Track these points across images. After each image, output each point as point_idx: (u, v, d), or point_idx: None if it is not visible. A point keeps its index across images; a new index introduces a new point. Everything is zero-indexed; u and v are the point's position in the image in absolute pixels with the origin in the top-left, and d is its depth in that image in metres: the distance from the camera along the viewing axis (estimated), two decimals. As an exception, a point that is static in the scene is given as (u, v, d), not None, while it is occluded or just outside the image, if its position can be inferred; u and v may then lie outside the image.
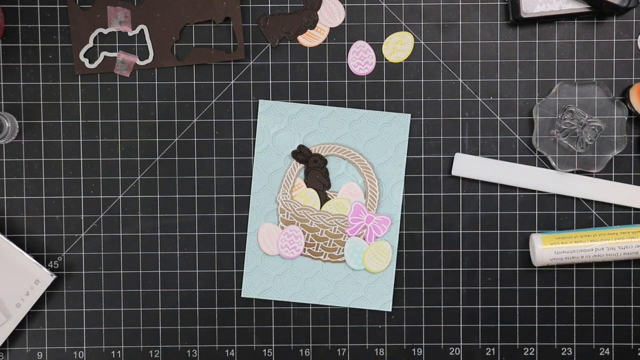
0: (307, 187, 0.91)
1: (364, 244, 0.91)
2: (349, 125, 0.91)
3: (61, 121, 0.91)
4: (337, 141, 0.91)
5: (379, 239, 0.91)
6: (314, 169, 0.91)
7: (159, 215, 0.92)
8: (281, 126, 0.91)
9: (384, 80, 0.91)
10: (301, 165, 0.91)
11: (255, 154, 0.91)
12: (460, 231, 0.92)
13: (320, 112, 0.91)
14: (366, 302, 0.92)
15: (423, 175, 0.91)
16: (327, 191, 0.91)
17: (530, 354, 0.92)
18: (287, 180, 0.91)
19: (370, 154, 0.91)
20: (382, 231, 0.91)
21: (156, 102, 0.91)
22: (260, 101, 0.91)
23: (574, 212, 0.91)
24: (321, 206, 0.91)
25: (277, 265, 0.92)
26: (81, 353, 0.92)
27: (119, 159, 0.91)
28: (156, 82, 0.91)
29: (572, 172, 0.91)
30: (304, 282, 0.92)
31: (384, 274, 0.91)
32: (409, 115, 0.91)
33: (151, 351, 0.92)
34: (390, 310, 0.92)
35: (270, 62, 0.91)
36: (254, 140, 0.91)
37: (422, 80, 0.91)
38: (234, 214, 0.92)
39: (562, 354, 0.92)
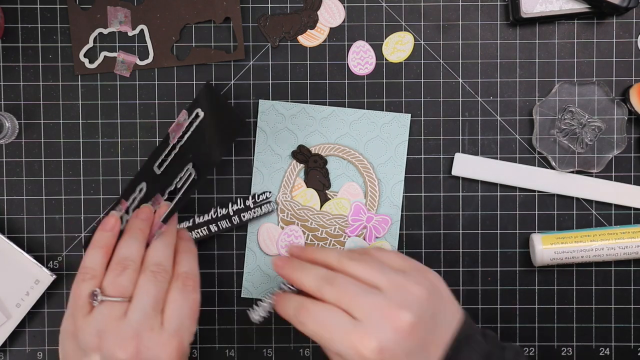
0: (307, 187, 0.91)
1: (363, 244, 0.91)
2: (349, 125, 0.91)
3: (61, 121, 0.91)
4: (337, 141, 0.91)
5: (379, 239, 0.91)
6: (314, 169, 0.91)
7: (159, 215, 0.92)
8: (281, 126, 0.91)
9: (384, 80, 0.91)
10: (301, 165, 0.91)
11: (255, 154, 0.91)
12: (460, 231, 0.92)
13: (320, 112, 0.91)
14: None
15: (423, 175, 0.91)
16: (327, 191, 0.91)
17: (530, 354, 0.92)
18: (287, 180, 0.91)
19: (370, 154, 0.91)
20: (382, 231, 0.91)
21: (156, 102, 0.91)
22: (260, 101, 0.91)
23: (574, 212, 0.91)
24: (321, 206, 0.91)
25: (277, 265, 0.92)
26: (81, 353, 0.92)
27: (119, 159, 0.91)
28: (156, 82, 0.91)
29: (572, 172, 0.91)
30: (304, 282, 0.92)
31: (384, 274, 0.91)
32: (409, 115, 0.91)
33: (151, 351, 0.92)
34: None
35: (270, 62, 0.91)
36: (254, 140, 0.91)
37: (422, 80, 0.91)
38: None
39: (562, 354, 0.92)
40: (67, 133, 0.91)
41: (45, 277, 0.89)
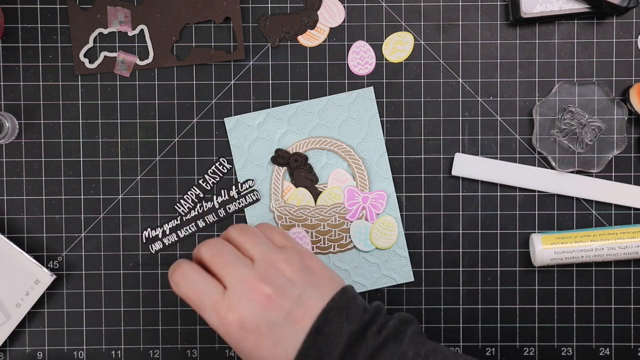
0: (296, 187, 0.91)
1: (367, 225, 0.91)
2: (318, 115, 0.91)
3: (61, 121, 0.91)
4: (311, 134, 0.91)
5: (380, 215, 0.91)
6: (298, 168, 0.91)
7: (159, 215, 0.92)
8: (253, 137, 0.91)
9: (384, 80, 0.91)
10: (284, 168, 0.91)
11: (236, 171, 0.91)
12: (460, 231, 0.92)
13: (287, 112, 0.91)
14: (388, 280, 0.91)
15: (423, 175, 0.91)
16: (316, 185, 0.91)
17: (530, 354, 0.92)
18: (275, 187, 0.91)
19: (346, 136, 0.91)
20: (380, 207, 0.91)
21: (156, 102, 0.91)
22: (226, 119, 0.91)
23: (574, 212, 0.91)
24: (315, 201, 0.91)
25: (292, 273, 0.92)
26: (81, 353, 0.92)
27: (119, 159, 0.91)
28: (156, 82, 0.91)
29: (572, 172, 0.91)
30: (323, 279, 0.92)
31: (395, 246, 0.91)
32: (372, 88, 0.90)
33: (151, 351, 0.92)
34: (412, 279, 0.91)
35: (270, 62, 0.91)
36: (232, 160, 0.91)
37: (422, 80, 0.91)
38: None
39: (562, 354, 0.92)
40: (67, 133, 0.91)
41: (45, 277, 0.89)
